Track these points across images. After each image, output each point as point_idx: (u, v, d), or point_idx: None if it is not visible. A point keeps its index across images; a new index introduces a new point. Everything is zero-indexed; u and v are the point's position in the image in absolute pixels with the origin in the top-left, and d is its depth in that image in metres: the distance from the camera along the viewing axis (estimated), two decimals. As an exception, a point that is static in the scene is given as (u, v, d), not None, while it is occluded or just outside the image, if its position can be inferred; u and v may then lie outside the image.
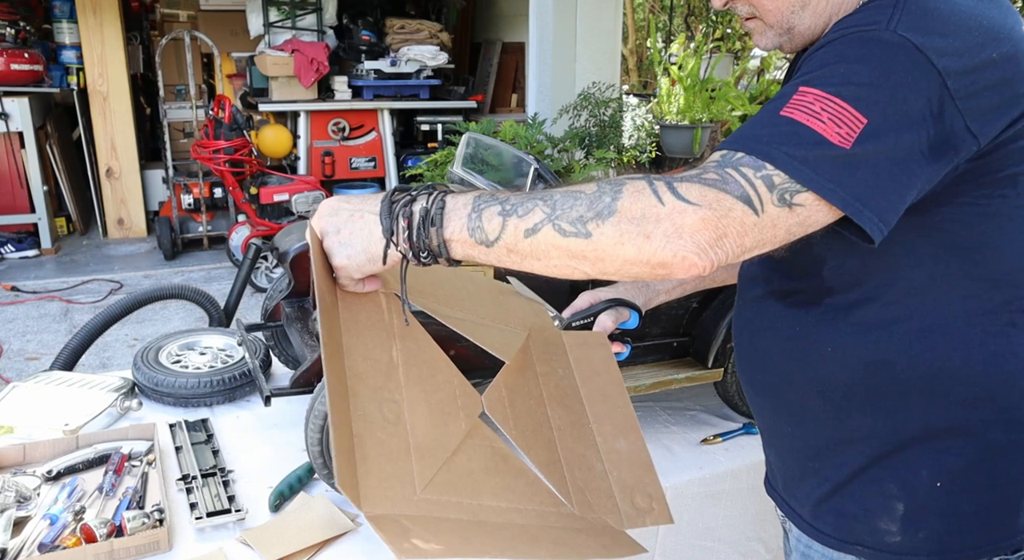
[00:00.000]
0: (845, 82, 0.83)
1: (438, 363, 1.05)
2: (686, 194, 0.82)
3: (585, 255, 0.85)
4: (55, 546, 1.21)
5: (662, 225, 0.82)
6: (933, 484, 0.99)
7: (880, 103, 0.82)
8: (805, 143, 0.82)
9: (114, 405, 1.65)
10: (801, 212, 0.83)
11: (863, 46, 0.85)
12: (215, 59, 5.90)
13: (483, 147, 1.84)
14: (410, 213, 0.89)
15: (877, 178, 0.82)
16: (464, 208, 0.88)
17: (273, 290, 1.84)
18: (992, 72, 0.84)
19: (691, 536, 1.63)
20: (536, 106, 4.65)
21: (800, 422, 1.09)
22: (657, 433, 1.73)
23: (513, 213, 0.86)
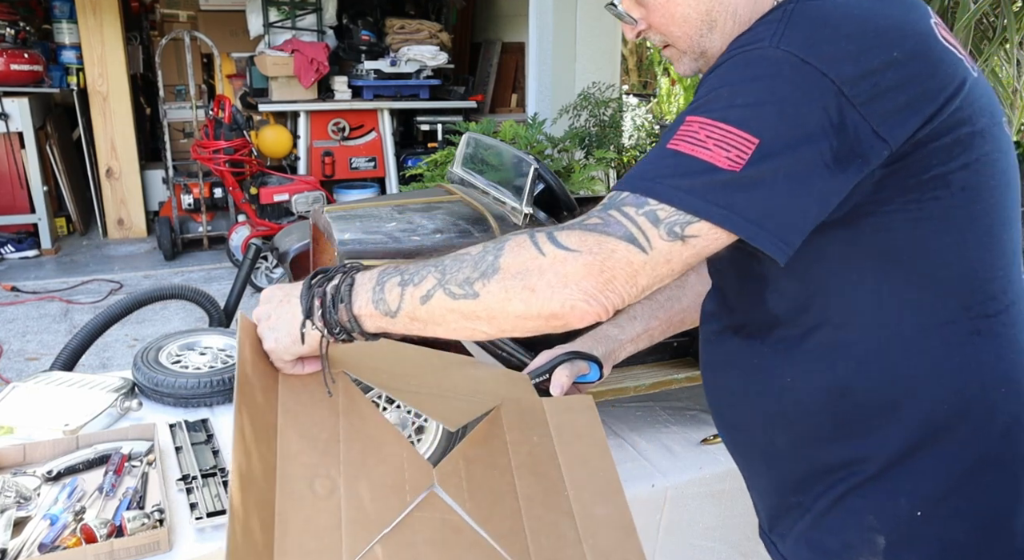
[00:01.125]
0: (730, 105, 0.81)
1: (385, 436, 1.05)
2: (566, 242, 0.82)
3: (478, 315, 0.85)
4: (55, 546, 1.21)
5: (545, 276, 0.82)
6: (913, 513, 0.92)
7: (769, 121, 0.80)
8: (690, 172, 0.80)
9: (114, 405, 1.65)
10: (697, 243, 0.82)
11: (747, 66, 0.83)
12: (215, 59, 5.90)
13: (483, 147, 1.84)
14: (323, 293, 0.93)
15: (773, 197, 0.80)
16: (369, 283, 0.91)
17: (273, 290, 1.84)
18: (895, 72, 0.81)
19: (691, 536, 1.63)
20: (536, 106, 4.65)
21: (772, 458, 1.05)
22: (657, 433, 1.73)
23: (410, 282, 0.88)
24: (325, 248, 1.67)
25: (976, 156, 0.86)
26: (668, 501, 1.56)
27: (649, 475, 1.57)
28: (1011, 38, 2.63)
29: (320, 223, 1.60)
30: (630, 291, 0.83)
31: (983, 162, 0.87)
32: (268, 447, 0.96)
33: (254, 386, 0.99)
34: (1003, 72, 2.92)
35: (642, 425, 1.76)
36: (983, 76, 0.92)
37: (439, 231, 1.53)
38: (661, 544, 1.59)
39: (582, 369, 1.30)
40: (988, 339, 0.90)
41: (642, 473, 1.57)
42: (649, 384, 1.65)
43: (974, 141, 0.86)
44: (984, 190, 0.88)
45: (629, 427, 1.75)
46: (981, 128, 0.87)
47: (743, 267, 0.94)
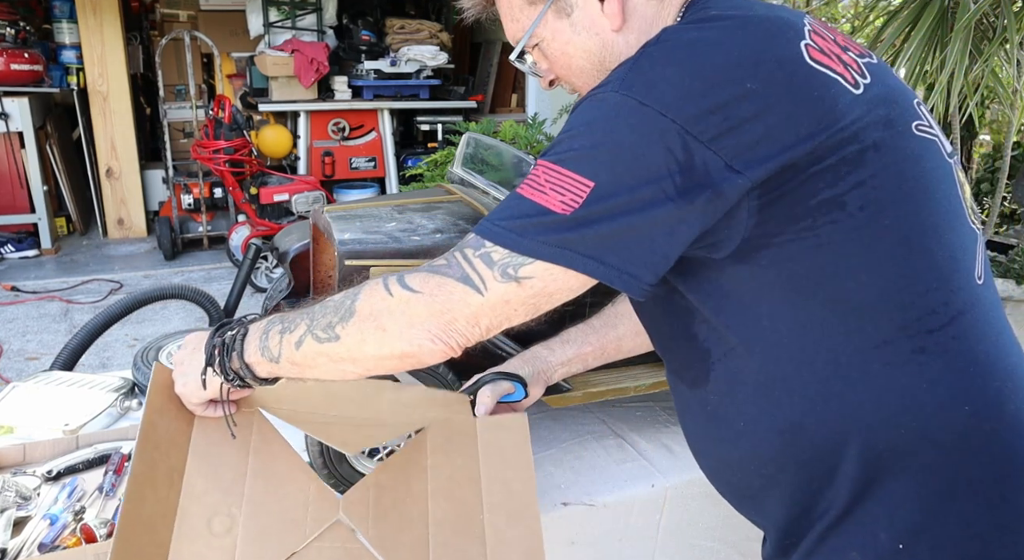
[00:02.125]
0: (568, 149, 0.83)
1: (293, 472, 1.09)
2: (411, 284, 0.86)
3: (342, 357, 0.90)
4: (55, 546, 1.21)
5: (394, 317, 0.86)
6: (895, 546, 0.87)
7: (605, 163, 0.81)
8: (524, 215, 0.83)
9: (114, 405, 1.65)
10: (534, 284, 0.83)
11: (587, 111, 0.85)
12: (215, 59, 5.90)
13: (483, 147, 1.84)
14: (222, 342, 1.00)
15: (611, 234, 0.81)
16: (257, 332, 0.97)
17: (273, 290, 1.84)
18: (750, 103, 0.80)
19: (691, 536, 1.63)
20: (536, 106, 4.65)
21: (754, 501, 1.04)
22: (657, 433, 1.73)
23: (287, 330, 0.94)
24: (325, 248, 1.67)
25: (872, 172, 0.84)
26: (668, 501, 1.56)
27: (649, 475, 1.57)
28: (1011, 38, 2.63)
29: (320, 223, 1.60)
30: (473, 331, 0.86)
31: (883, 176, 0.84)
32: (171, 489, 1.00)
33: (159, 430, 1.05)
34: (1003, 72, 2.92)
35: (642, 425, 1.76)
36: (882, 85, 0.90)
37: (439, 231, 1.53)
38: (661, 544, 1.59)
39: (507, 389, 1.31)
40: (936, 356, 0.86)
41: (642, 473, 1.58)
42: (649, 384, 1.64)
43: (865, 157, 0.83)
44: (889, 204, 0.85)
45: (629, 427, 1.75)
46: (874, 142, 0.84)
47: (667, 314, 0.95)
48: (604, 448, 1.66)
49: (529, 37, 1.00)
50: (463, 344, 0.87)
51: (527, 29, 1.00)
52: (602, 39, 0.96)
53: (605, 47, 0.97)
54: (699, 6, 0.94)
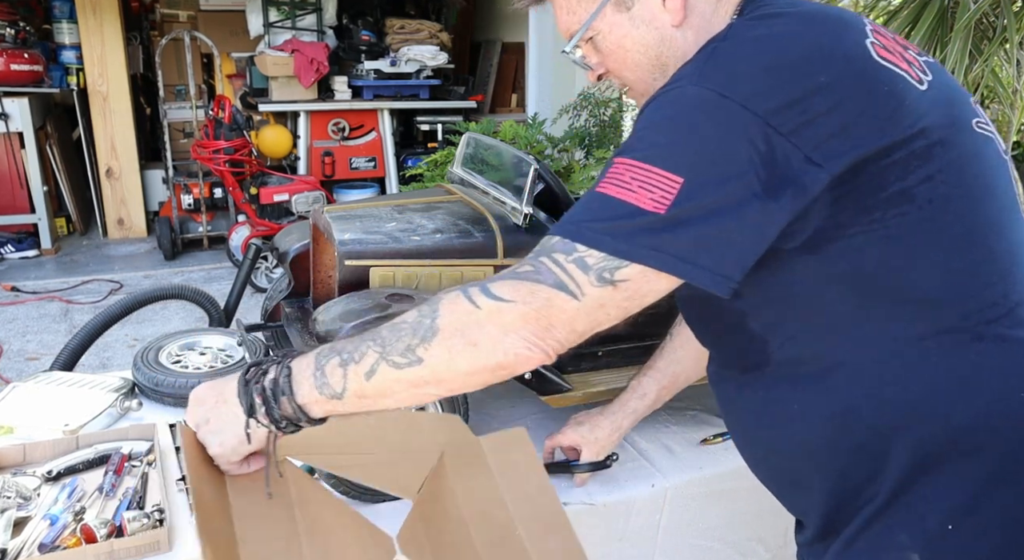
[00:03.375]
0: (652, 145, 0.83)
1: (342, 518, 1.05)
2: (499, 293, 0.83)
3: (426, 380, 0.85)
4: (55, 546, 1.21)
5: (485, 329, 0.83)
6: (944, 527, 0.90)
7: (691, 159, 0.81)
8: (617, 216, 0.81)
9: (114, 405, 1.65)
10: (629, 287, 0.83)
11: (669, 106, 0.85)
12: (215, 59, 5.90)
13: (483, 147, 1.84)
14: (262, 388, 0.90)
15: (703, 233, 0.81)
16: (308, 369, 0.89)
17: (273, 290, 1.84)
18: (824, 97, 0.82)
19: (691, 536, 1.63)
20: (536, 106, 4.65)
21: (799, 487, 1.04)
22: (657, 433, 1.73)
23: (350, 361, 0.87)
24: (325, 248, 1.67)
25: (939, 167, 0.85)
26: (668, 501, 1.56)
27: (649, 475, 1.57)
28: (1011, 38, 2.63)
29: (320, 223, 1.60)
30: (569, 337, 0.84)
31: (948, 171, 0.86)
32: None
33: (209, 502, 0.95)
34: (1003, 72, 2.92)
35: (642, 425, 1.76)
36: (942, 83, 0.92)
37: (439, 231, 1.53)
38: (661, 544, 1.59)
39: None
40: (994, 345, 0.88)
41: (642, 473, 1.57)
42: (649, 384, 1.64)
43: (932, 152, 0.85)
44: (954, 199, 0.87)
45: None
46: (940, 138, 0.86)
47: (717, 305, 0.94)
48: (604, 448, 1.65)
49: (586, 30, 0.99)
50: (558, 350, 0.85)
51: (584, 22, 0.98)
52: (661, 34, 0.96)
53: (663, 42, 0.97)
54: (756, 4, 0.94)
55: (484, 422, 1.74)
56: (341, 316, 1.33)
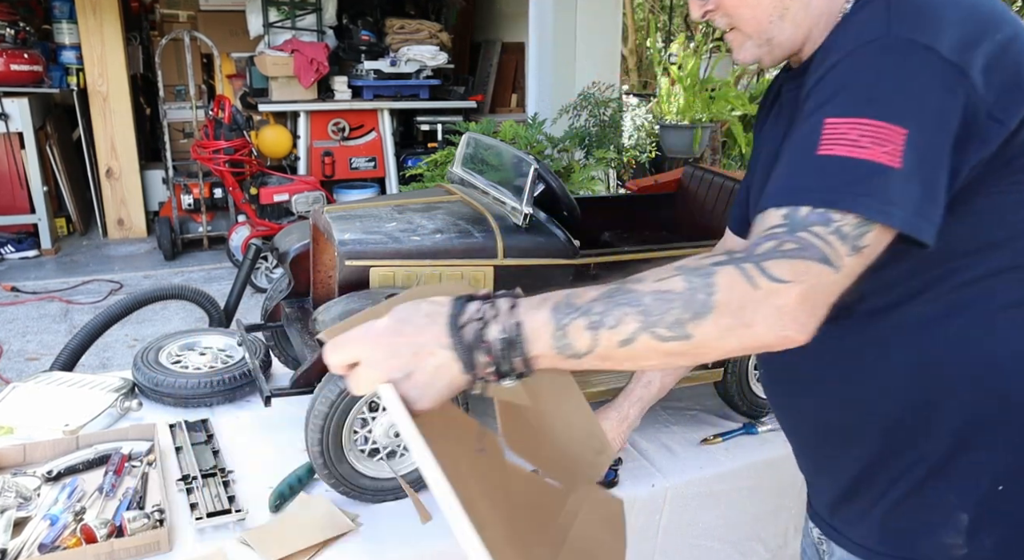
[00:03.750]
0: (871, 100, 0.81)
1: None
2: (777, 273, 0.78)
3: (685, 353, 0.82)
4: (55, 546, 1.21)
5: (761, 310, 0.78)
6: (994, 487, 0.93)
7: (911, 109, 0.80)
8: (863, 177, 0.79)
9: (114, 405, 1.65)
10: (868, 252, 0.80)
11: (874, 57, 0.83)
12: (215, 59, 5.90)
13: (483, 147, 1.84)
14: (488, 346, 0.82)
15: (925, 186, 0.80)
16: (546, 327, 0.82)
17: (273, 290, 1.84)
18: (1002, 56, 0.84)
19: (691, 536, 1.63)
20: (536, 106, 4.65)
21: (848, 443, 1.04)
22: (657, 433, 1.73)
23: (602, 325, 0.81)
24: (325, 248, 1.67)
25: None
26: (668, 501, 1.56)
27: (649, 475, 1.57)
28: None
29: (320, 223, 1.59)
30: (824, 311, 0.80)
31: None
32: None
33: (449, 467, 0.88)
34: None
35: (642, 425, 1.76)
36: None
37: (439, 231, 1.53)
38: (661, 544, 1.59)
39: None
40: None
41: (642, 473, 1.58)
42: (649, 384, 1.64)
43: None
44: None
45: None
46: None
47: None
48: (604, 448, 1.65)
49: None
50: (816, 329, 0.80)
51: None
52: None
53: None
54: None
55: (484, 422, 1.74)
56: (341, 316, 1.33)
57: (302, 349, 1.59)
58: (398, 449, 1.44)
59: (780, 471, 1.69)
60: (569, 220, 1.65)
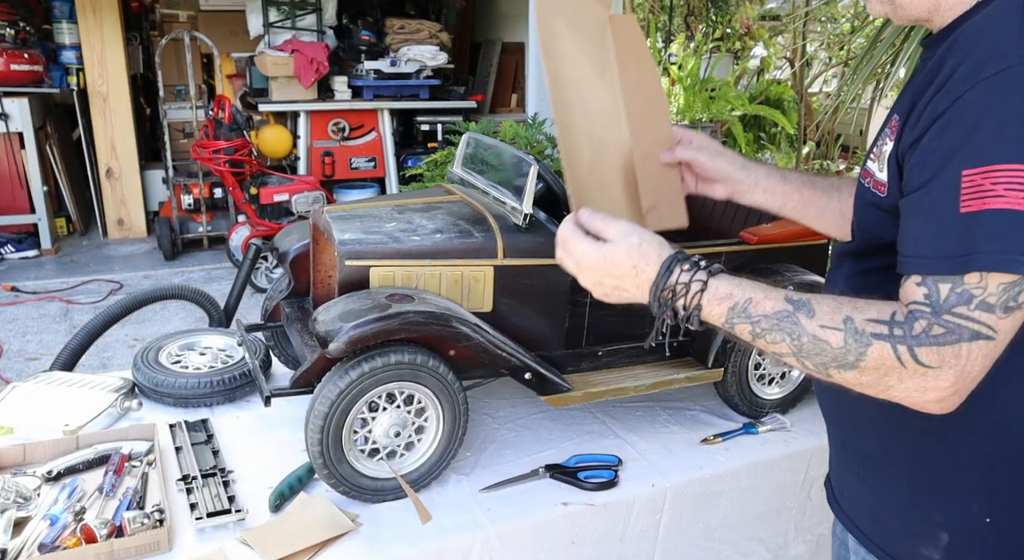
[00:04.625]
0: (1007, 140, 0.78)
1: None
2: (926, 359, 0.83)
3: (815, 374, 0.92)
4: (55, 546, 1.21)
5: (904, 383, 0.84)
6: (982, 518, 0.94)
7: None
8: (1007, 233, 0.77)
9: (114, 405, 1.65)
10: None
11: (1009, 92, 0.79)
12: (215, 59, 5.90)
13: (483, 147, 1.84)
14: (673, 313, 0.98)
15: None
16: (718, 320, 0.96)
17: (273, 290, 1.84)
18: None
19: (691, 536, 1.63)
20: (536, 106, 4.64)
21: (854, 428, 1.07)
22: (657, 433, 1.73)
23: (760, 336, 0.93)
24: (325, 248, 1.67)
25: None
26: (668, 501, 1.56)
27: (649, 475, 1.57)
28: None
29: (320, 223, 1.59)
30: (981, 374, 0.84)
31: None
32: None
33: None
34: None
35: (642, 425, 1.76)
36: None
37: (439, 231, 1.53)
38: (661, 544, 1.59)
39: None
40: None
41: (642, 473, 1.58)
42: (649, 384, 1.65)
43: None
44: None
45: (629, 427, 1.75)
46: None
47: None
48: (604, 448, 1.65)
49: None
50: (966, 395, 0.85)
51: None
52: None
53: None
54: None
55: (483, 422, 1.74)
56: (341, 316, 1.33)
57: (302, 349, 1.59)
58: (398, 449, 1.44)
59: (780, 471, 1.69)
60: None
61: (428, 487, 1.48)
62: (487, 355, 1.46)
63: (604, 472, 1.55)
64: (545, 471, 1.54)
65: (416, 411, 1.43)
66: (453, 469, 1.54)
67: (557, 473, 1.53)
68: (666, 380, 1.66)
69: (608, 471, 1.55)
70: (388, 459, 1.43)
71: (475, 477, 1.53)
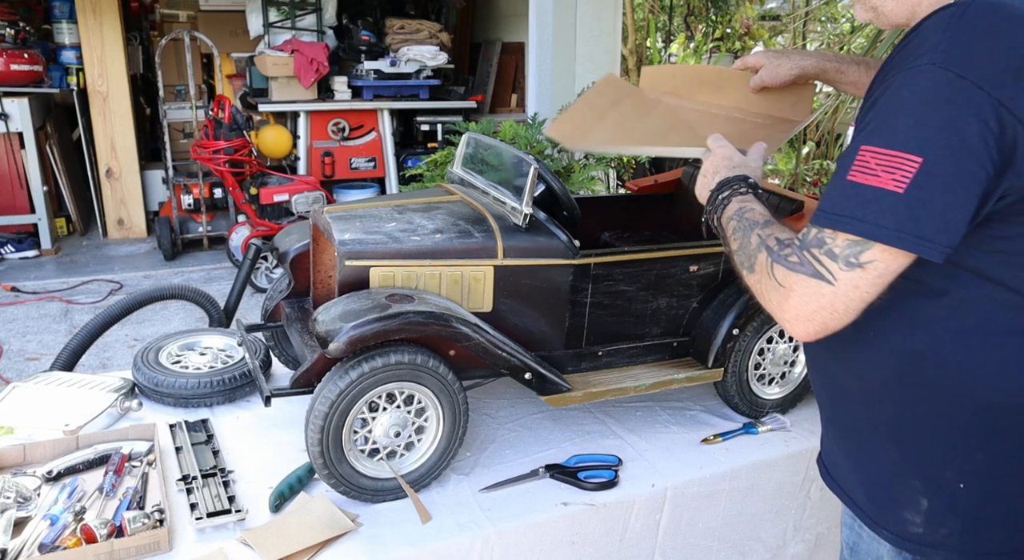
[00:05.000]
0: (895, 129, 0.91)
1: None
2: (778, 277, 1.01)
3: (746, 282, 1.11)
4: (55, 546, 1.21)
5: (769, 298, 1.03)
6: (956, 484, 1.02)
7: (931, 139, 0.88)
8: (864, 202, 0.92)
9: (114, 405, 1.65)
10: (877, 266, 0.93)
11: (909, 86, 0.91)
12: (215, 59, 5.89)
13: (483, 147, 1.84)
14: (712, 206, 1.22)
15: (938, 210, 0.89)
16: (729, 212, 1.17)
17: (273, 290, 1.84)
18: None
19: (691, 536, 1.63)
20: (536, 106, 4.64)
21: (839, 401, 1.15)
22: (657, 433, 1.73)
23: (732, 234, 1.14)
24: (325, 248, 1.67)
25: None
26: (668, 501, 1.57)
27: (649, 475, 1.57)
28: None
29: (320, 223, 1.59)
30: (830, 318, 0.97)
31: None
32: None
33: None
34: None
35: (642, 425, 1.76)
36: None
37: (439, 231, 1.53)
38: (661, 544, 1.59)
39: None
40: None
41: (642, 473, 1.58)
42: (649, 384, 1.65)
43: None
44: None
45: (629, 427, 1.75)
46: None
47: None
48: (604, 448, 1.66)
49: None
50: (822, 330, 0.98)
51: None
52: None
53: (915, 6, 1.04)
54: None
55: (483, 422, 1.74)
56: (341, 316, 1.34)
57: (302, 349, 1.59)
58: (398, 449, 1.44)
59: (780, 471, 1.69)
60: (569, 220, 1.65)
61: (428, 487, 1.48)
62: (487, 355, 1.46)
63: (604, 472, 1.55)
64: (545, 471, 1.54)
65: (416, 411, 1.43)
66: (453, 469, 1.54)
67: (557, 473, 1.54)
68: (666, 380, 1.67)
69: (608, 471, 1.55)
70: (388, 459, 1.43)
71: (475, 477, 1.53)
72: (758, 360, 1.76)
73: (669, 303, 1.68)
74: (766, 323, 1.71)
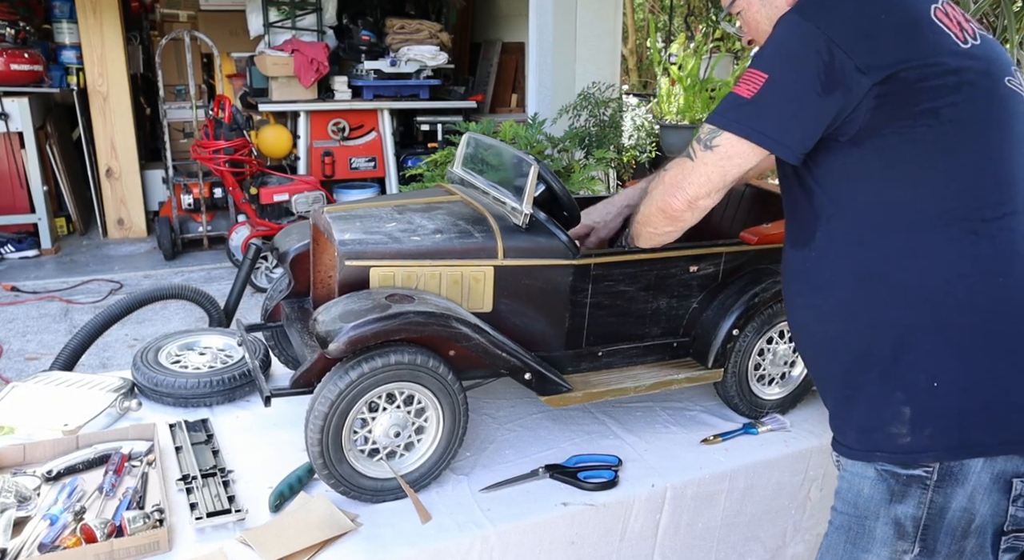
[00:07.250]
0: (760, 56, 1.20)
1: None
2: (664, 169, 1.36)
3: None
4: (55, 546, 1.21)
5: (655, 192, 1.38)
6: (931, 384, 1.13)
7: (777, 61, 1.18)
8: (728, 104, 1.21)
9: (114, 405, 1.65)
10: (722, 149, 1.22)
11: (776, 27, 1.20)
12: (215, 59, 5.89)
13: (483, 147, 1.84)
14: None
15: (776, 112, 1.17)
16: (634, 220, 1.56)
17: (273, 290, 1.84)
18: (881, 29, 1.14)
19: (690, 536, 1.63)
20: (536, 106, 4.64)
21: (828, 350, 1.27)
22: (657, 433, 1.73)
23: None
24: (325, 248, 1.67)
25: (965, 98, 1.14)
26: (668, 501, 1.57)
27: (649, 475, 1.57)
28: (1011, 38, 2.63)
29: (320, 223, 1.59)
30: (689, 190, 1.30)
31: (971, 103, 1.14)
32: None
33: None
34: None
35: (642, 425, 1.76)
36: (987, 49, 1.20)
37: (439, 231, 1.53)
38: (660, 544, 1.59)
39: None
40: (984, 238, 1.13)
41: (642, 473, 1.58)
42: (649, 384, 1.65)
43: (962, 88, 1.14)
44: (973, 123, 1.14)
45: (629, 427, 1.75)
46: (970, 80, 1.14)
47: (796, 185, 1.27)
48: (604, 448, 1.66)
49: (732, 6, 1.39)
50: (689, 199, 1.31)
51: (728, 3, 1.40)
52: (779, 10, 1.28)
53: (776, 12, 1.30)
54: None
55: (483, 422, 1.74)
56: (341, 316, 1.34)
57: (302, 349, 1.59)
58: (398, 449, 1.44)
59: (780, 471, 1.69)
60: (569, 220, 1.65)
61: (428, 487, 1.48)
62: (487, 355, 1.46)
63: (604, 472, 1.55)
64: (545, 471, 1.54)
65: (416, 411, 1.43)
66: (453, 469, 1.54)
67: (557, 473, 1.54)
68: (666, 380, 1.67)
69: (608, 471, 1.55)
70: (388, 459, 1.43)
71: (475, 477, 1.53)
72: (758, 360, 1.76)
73: (669, 303, 1.68)
74: (766, 323, 1.71)
